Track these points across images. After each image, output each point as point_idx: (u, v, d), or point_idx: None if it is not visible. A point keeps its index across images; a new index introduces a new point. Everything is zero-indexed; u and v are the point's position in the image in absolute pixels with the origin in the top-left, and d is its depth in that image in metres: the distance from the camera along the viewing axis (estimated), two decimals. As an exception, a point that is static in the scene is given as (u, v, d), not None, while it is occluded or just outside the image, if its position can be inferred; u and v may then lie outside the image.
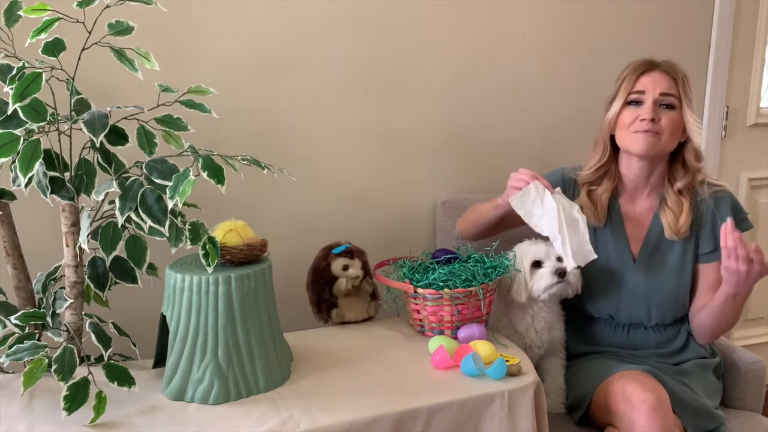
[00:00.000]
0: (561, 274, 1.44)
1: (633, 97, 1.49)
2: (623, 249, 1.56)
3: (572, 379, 1.55)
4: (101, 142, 1.18)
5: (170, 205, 1.10)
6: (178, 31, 1.55)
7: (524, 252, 1.49)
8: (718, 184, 1.55)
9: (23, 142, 1.09)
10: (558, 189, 1.45)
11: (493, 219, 1.55)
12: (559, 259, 1.45)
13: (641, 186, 1.56)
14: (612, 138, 1.54)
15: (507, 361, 1.26)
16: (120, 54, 1.17)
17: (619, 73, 1.54)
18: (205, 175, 1.13)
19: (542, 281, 1.45)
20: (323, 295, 1.52)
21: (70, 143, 1.21)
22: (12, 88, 1.09)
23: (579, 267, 1.44)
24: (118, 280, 1.30)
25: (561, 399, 1.54)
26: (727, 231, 1.32)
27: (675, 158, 1.54)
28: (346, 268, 1.51)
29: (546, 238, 1.46)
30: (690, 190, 1.53)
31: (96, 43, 1.18)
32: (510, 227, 1.61)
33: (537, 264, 1.47)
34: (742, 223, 1.54)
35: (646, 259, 1.54)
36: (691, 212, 1.51)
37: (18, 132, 1.11)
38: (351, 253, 1.52)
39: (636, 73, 1.50)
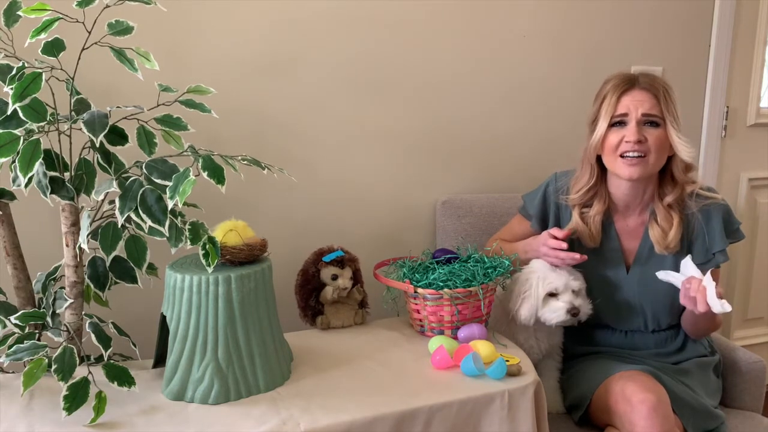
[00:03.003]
0: (575, 313, 1.44)
1: (616, 119, 1.45)
2: (618, 263, 1.56)
3: (572, 379, 1.55)
4: (101, 142, 1.18)
5: (170, 205, 1.10)
6: (178, 31, 1.55)
7: (542, 278, 1.46)
8: (709, 195, 1.52)
9: (23, 142, 1.09)
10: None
11: (526, 262, 1.55)
12: (574, 292, 1.45)
13: (633, 205, 1.54)
14: (599, 158, 1.51)
15: (507, 361, 1.26)
16: (120, 54, 1.17)
17: (599, 91, 1.51)
18: (205, 175, 1.13)
19: (554, 316, 1.45)
20: (309, 302, 1.51)
21: (70, 143, 1.21)
22: (12, 88, 1.09)
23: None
24: (118, 280, 1.30)
25: (555, 398, 1.54)
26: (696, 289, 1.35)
27: (664, 173, 1.51)
28: (335, 277, 1.50)
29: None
30: (680, 203, 1.51)
31: (96, 43, 1.18)
32: None
33: (552, 294, 1.45)
34: (734, 234, 1.54)
35: (639, 271, 1.54)
36: (681, 227, 1.50)
37: (18, 132, 1.11)
38: (342, 262, 1.50)
39: (616, 93, 1.45)
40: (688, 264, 1.42)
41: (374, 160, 1.80)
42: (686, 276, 1.40)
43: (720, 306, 1.32)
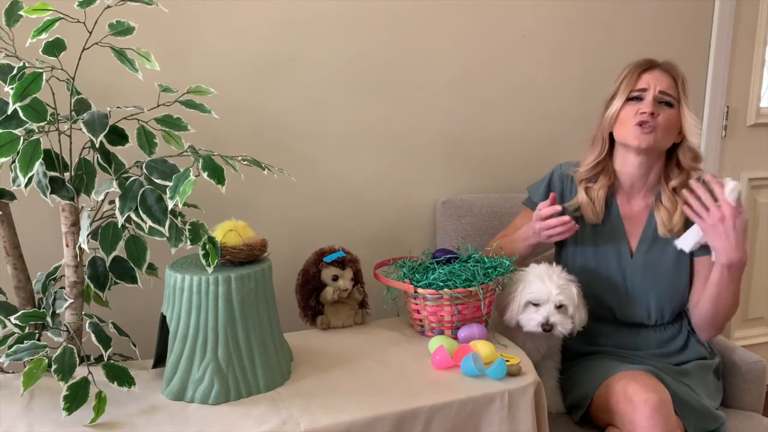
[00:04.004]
0: (547, 329, 1.44)
1: (634, 94, 1.51)
2: (621, 246, 1.57)
3: (573, 378, 1.55)
4: (101, 142, 1.18)
5: (170, 205, 1.10)
6: (179, 31, 1.55)
7: (527, 285, 1.46)
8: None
9: (23, 142, 1.09)
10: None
11: (527, 250, 1.58)
12: (559, 307, 1.44)
13: (638, 185, 1.58)
14: (610, 135, 1.56)
15: (507, 361, 1.26)
16: (120, 54, 1.17)
17: (620, 72, 1.56)
18: (205, 175, 1.13)
19: (528, 326, 1.45)
20: (310, 302, 1.51)
21: (70, 143, 1.21)
22: (12, 88, 1.09)
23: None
24: (118, 280, 1.30)
25: (554, 398, 1.54)
26: (695, 190, 1.44)
27: (670, 158, 1.56)
28: (336, 278, 1.50)
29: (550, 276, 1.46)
30: (685, 188, 1.53)
31: (96, 43, 1.18)
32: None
33: (535, 303, 1.45)
34: None
35: (642, 255, 1.56)
36: None
37: (18, 132, 1.11)
38: (343, 263, 1.50)
39: (638, 70, 1.52)
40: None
41: (374, 160, 1.80)
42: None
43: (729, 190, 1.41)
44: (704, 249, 1.52)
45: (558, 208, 1.47)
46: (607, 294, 1.56)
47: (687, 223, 1.53)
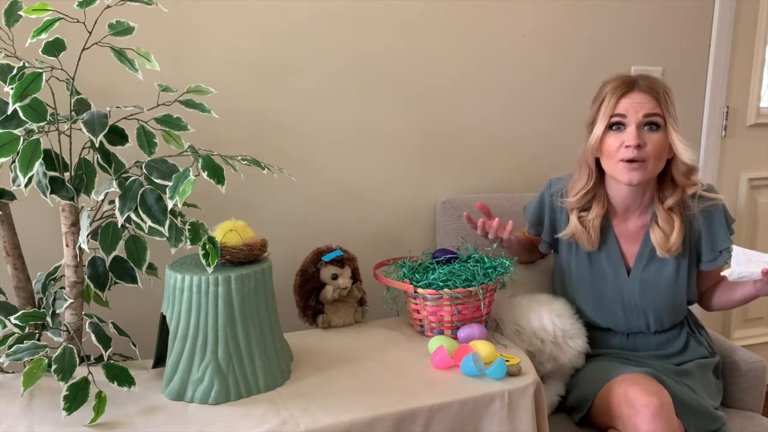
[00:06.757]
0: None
1: (615, 120, 1.43)
2: (618, 266, 1.55)
3: (574, 380, 1.54)
4: (101, 142, 1.18)
5: (170, 205, 1.10)
6: (178, 31, 1.55)
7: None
8: (711, 196, 1.50)
9: (23, 142, 1.09)
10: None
11: (508, 250, 1.60)
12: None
13: (632, 207, 1.53)
14: (597, 161, 1.50)
15: (507, 361, 1.26)
16: (120, 54, 1.17)
17: (597, 93, 1.49)
18: (205, 175, 1.13)
19: None
20: (309, 301, 1.51)
21: (70, 143, 1.21)
22: (12, 88, 1.09)
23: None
24: (118, 280, 1.30)
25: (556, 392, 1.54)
26: None
27: (663, 176, 1.50)
28: (335, 277, 1.50)
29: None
30: (681, 205, 1.49)
31: (96, 43, 1.18)
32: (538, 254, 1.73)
33: None
34: (730, 230, 1.53)
35: (640, 273, 1.53)
36: (683, 229, 1.49)
37: (18, 132, 1.11)
38: (341, 261, 1.51)
39: (616, 95, 1.43)
40: (747, 254, 1.38)
41: (374, 160, 1.80)
42: (755, 263, 1.35)
43: None
44: (711, 263, 1.52)
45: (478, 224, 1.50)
46: (605, 312, 1.55)
47: (684, 243, 1.50)
